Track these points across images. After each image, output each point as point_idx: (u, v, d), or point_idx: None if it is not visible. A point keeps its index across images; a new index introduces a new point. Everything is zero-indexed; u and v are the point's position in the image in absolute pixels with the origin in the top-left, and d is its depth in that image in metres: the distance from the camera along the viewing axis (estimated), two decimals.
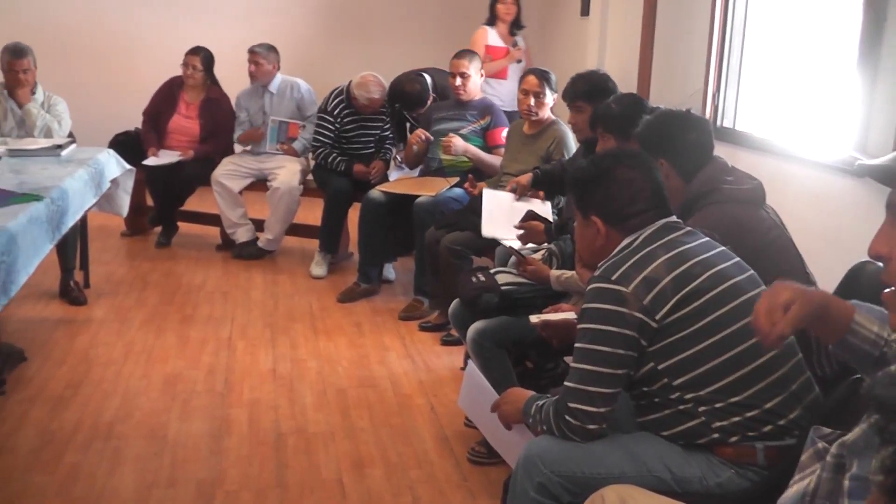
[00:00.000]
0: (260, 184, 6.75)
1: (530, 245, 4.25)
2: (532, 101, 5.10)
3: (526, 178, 4.87)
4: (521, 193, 4.83)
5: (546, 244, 4.08)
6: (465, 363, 4.49)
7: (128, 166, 5.41)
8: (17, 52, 5.94)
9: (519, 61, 7.25)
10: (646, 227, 2.47)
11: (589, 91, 4.36)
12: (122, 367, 4.73)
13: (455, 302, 3.99)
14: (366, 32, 9.12)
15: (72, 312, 5.56)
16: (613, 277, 2.35)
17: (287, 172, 6.55)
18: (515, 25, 7.31)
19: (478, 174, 5.53)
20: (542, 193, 4.84)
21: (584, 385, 2.33)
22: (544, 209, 4.61)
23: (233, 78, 7.18)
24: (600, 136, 3.88)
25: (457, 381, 4.52)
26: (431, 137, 5.81)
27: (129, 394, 4.41)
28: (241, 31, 8.15)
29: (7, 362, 4.61)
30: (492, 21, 7.29)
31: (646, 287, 2.32)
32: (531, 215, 4.30)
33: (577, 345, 2.39)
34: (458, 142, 5.62)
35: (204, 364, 4.78)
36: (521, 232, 4.24)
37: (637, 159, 2.57)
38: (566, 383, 2.38)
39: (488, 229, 4.73)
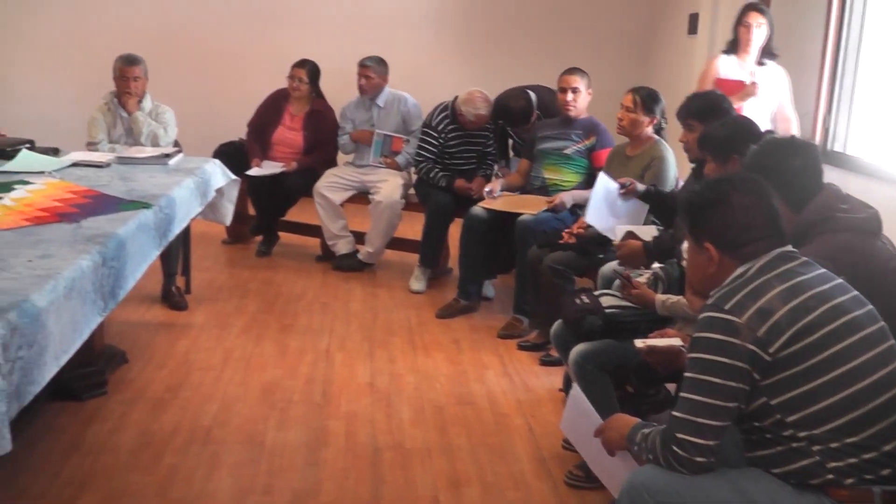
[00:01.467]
0: (362, 197, 6.79)
1: (623, 228, 4.23)
2: (625, 117, 5.04)
3: (639, 185, 4.80)
4: (628, 193, 4.76)
5: (646, 268, 4.01)
6: (564, 384, 4.46)
7: (233, 176, 5.47)
8: (130, 61, 6.07)
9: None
10: (760, 256, 2.41)
11: (700, 110, 4.28)
12: (221, 373, 4.79)
13: (557, 323, 3.95)
14: (472, 47, 9.12)
15: (173, 317, 5.66)
16: (727, 307, 2.30)
17: (389, 186, 6.58)
18: (767, 53, 5.59)
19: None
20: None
21: (694, 416, 2.28)
22: (644, 228, 4.52)
23: (337, 91, 7.24)
24: (708, 158, 3.82)
25: (555, 402, 4.50)
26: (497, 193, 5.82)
27: (227, 400, 4.46)
28: (347, 44, 8.22)
29: (110, 363, 4.70)
30: (732, 48, 5.66)
31: (760, 318, 2.26)
32: (630, 235, 4.25)
33: (687, 374, 2.34)
34: (565, 198, 5.56)
35: (302, 374, 4.81)
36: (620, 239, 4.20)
37: (754, 185, 2.50)
38: (674, 413, 2.33)
39: (592, 217, 4.71)
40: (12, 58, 9.16)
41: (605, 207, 4.70)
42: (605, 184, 4.90)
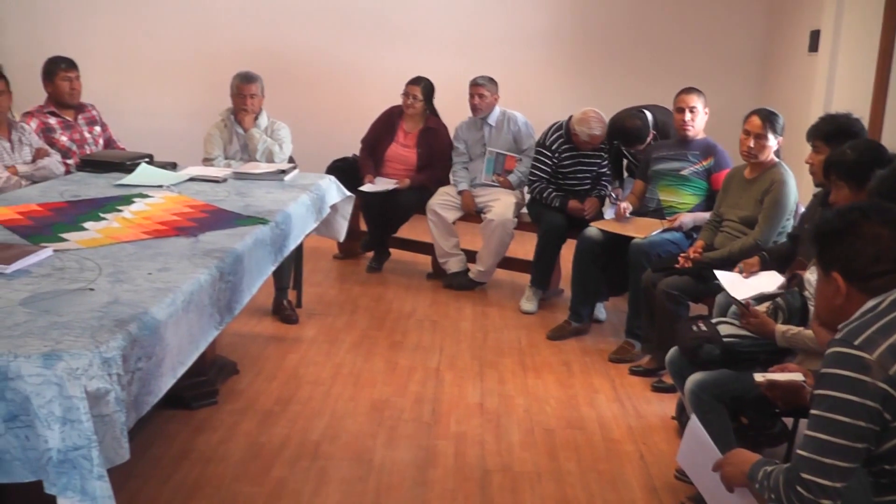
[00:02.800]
0: (474, 215, 6.77)
1: (753, 294, 4.07)
2: (752, 142, 4.88)
3: (754, 263, 4.60)
4: (748, 271, 4.60)
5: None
6: (678, 412, 4.37)
7: (347, 193, 5.50)
8: (247, 78, 6.17)
9: None
10: (892, 290, 2.31)
11: (829, 132, 4.15)
12: (331, 388, 4.81)
13: (673, 350, 3.87)
14: (586, 66, 9.03)
15: (283, 330, 5.71)
16: (856, 342, 2.20)
17: (502, 205, 6.55)
18: None
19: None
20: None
21: (820, 456, 2.19)
22: (774, 281, 4.36)
23: (451, 108, 7.24)
24: (833, 184, 3.70)
25: (667, 430, 4.41)
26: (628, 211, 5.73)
27: (336, 415, 4.48)
28: (461, 62, 8.24)
29: (220, 374, 4.78)
30: None
31: (892, 356, 2.16)
32: (759, 299, 4.07)
33: (813, 411, 2.25)
34: (685, 219, 5.47)
35: (411, 392, 4.80)
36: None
37: (888, 214, 2.39)
38: (799, 451, 2.24)
39: (735, 293, 4.45)
40: (133, 74, 9.39)
41: (742, 286, 4.44)
42: (726, 277, 4.51)
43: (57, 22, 9.36)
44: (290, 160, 6.24)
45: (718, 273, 4.47)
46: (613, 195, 6.25)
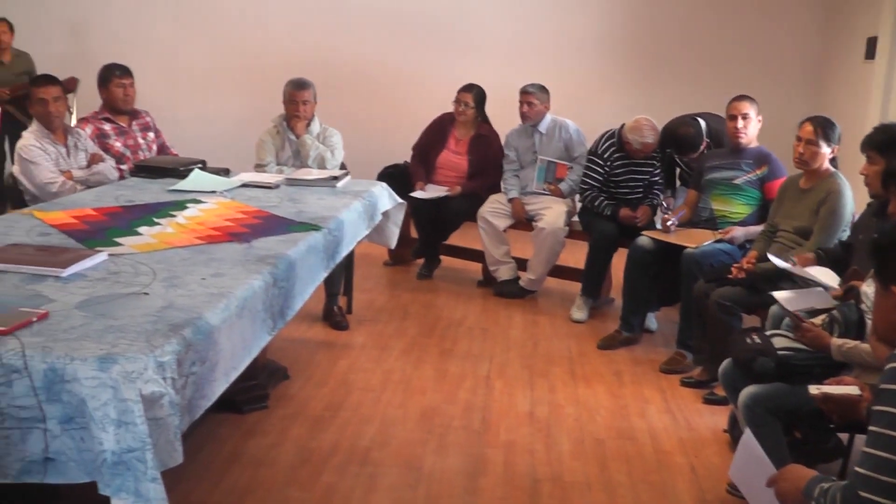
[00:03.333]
0: (525, 223, 6.75)
1: (807, 307, 4.01)
2: (803, 148, 4.80)
3: (809, 257, 4.54)
4: (803, 264, 4.53)
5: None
6: (730, 425, 4.32)
7: (399, 200, 5.52)
8: (300, 85, 6.20)
9: None
10: None
11: (883, 142, 4.08)
12: (381, 395, 4.81)
13: (726, 362, 3.83)
14: (638, 73, 8.98)
15: (334, 336, 5.73)
16: None
17: (553, 213, 6.53)
18: None
19: None
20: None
21: (878, 474, 2.15)
22: (829, 277, 4.27)
23: (502, 116, 7.22)
24: (892, 195, 3.64)
25: (719, 443, 4.35)
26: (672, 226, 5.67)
27: (386, 421, 4.47)
28: (512, 70, 8.23)
29: (271, 379, 4.80)
30: None
31: None
32: (813, 312, 4.00)
33: (871, 428, 2.20)
34: (737, 234, 5.39)
35: (461, 400, 4.79)
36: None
37: None
38: (857, 469, 2.20)
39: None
40: (187, 81, 9.50)
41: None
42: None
43: (115, 30, 9.48)
44: (342, 167, 6.26)
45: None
46: (665, 204, 6.20)
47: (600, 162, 6.30)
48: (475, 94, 7.06)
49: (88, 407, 2.27)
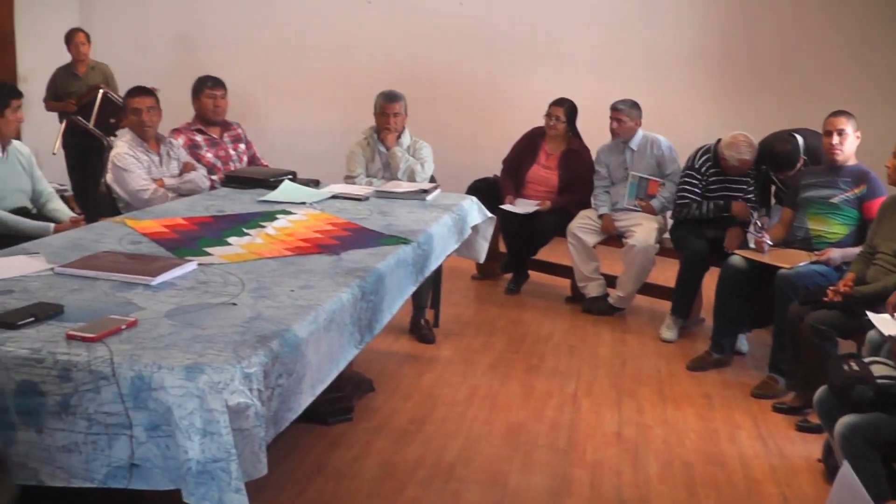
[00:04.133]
0: (615, 239, 6.68)
1: None
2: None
3: None
4: None
5: None
6: (824, 455, 4.18)
7: (489, 214, 5.49)
8: (391, 97, 6.21)
9: None
10: None
11: None
12: (466, 410, 4.78)
13: (822, 389, 3.72)
14: (731, 89, 8.80)
15: (420, 349, 5.72)
16: None
17: (644, 230, 6.44)
18: None
19: None
20: None
21: None
22: None
23: (594, 130, 7.16)
24: None
25: (813, 473, 4.21)
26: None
27: (471, 437, 4.44)
28: (604, 84, 8.17)
29: (357, 391, 4.80)
30: None
31: None
32: None
33: None
34: (834, 255, 5.24)
35: (547, 418, 4.74)
36: None
37: None
38: None
39: (889, 331, 4.20)
40: (278, 92, 9.62)
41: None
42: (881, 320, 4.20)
43: (211, 41, 9.64)
44: (432, 179, 6.26)
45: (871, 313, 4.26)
46: (759, 223, 6.05)
47: (697, 176, 6.19)
48: (566, 109, 7.01)
49: (174, 415, 2.27)
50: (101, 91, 8.09)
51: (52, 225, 5.02)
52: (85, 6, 10.04)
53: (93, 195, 6.66)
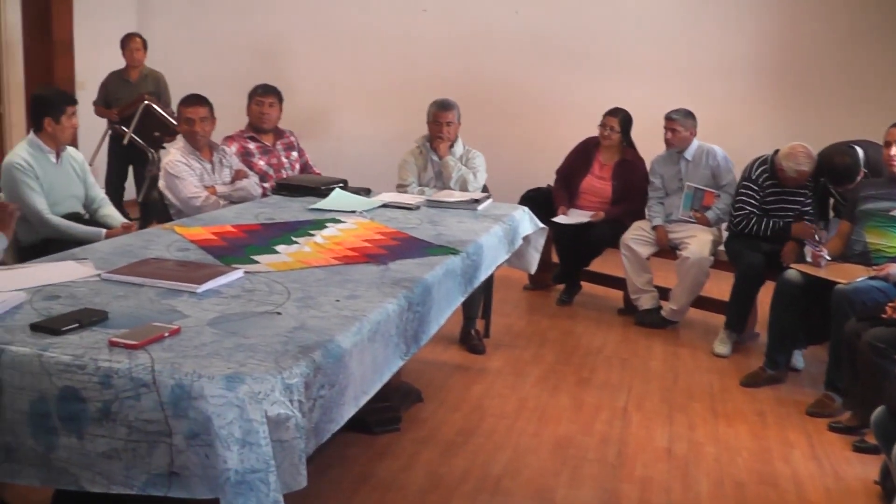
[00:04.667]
0: (668, 251, 6.60)
1: None
2: None
3: None
4: None
5: None
6: (882, 477, 4.07)
7: (541, 225, 5.44)
8: (444, 106, 6.20)
9: None
10: None
11: None
12: (515, 422, 4.74)
13: (880, 409, 3.63)
14: (789, 98, 8.64)
15: (470, 360, 5.68)
16: None
17: (698, 242, 6.35)
18: None
19: None
20: None
21: None
22: None
23: (648, 140, 7.09)
24: None
25: (870, 496, 4.11)
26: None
27: (519, 450, 4.40)
28: (659, 93, 8.09)
29: (404, 401, 4.79)
30: None
31: None
32: None
33: None
34: (893, 271, 5.09)
35: (597, 431, 4.68)
36: None
37: None
38: None
39: None
40: (331, 101, 9.70)
41: None
42: None
43: (267, 48, 9.71)
44: (484, 189, 6.24)
45: None
46: (816, 236, 5.94)
47: (755, 187, 6.09)
48: (621, 119, 6.96)
49: (214, 425, 2.26)
50: (143, 103, 8.08)
51: (103, 231, 5.06)
52: (143, 14, 10.16)
53: (119, 204, 6.70)
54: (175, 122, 7.75)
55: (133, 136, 8.06)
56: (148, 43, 8.49)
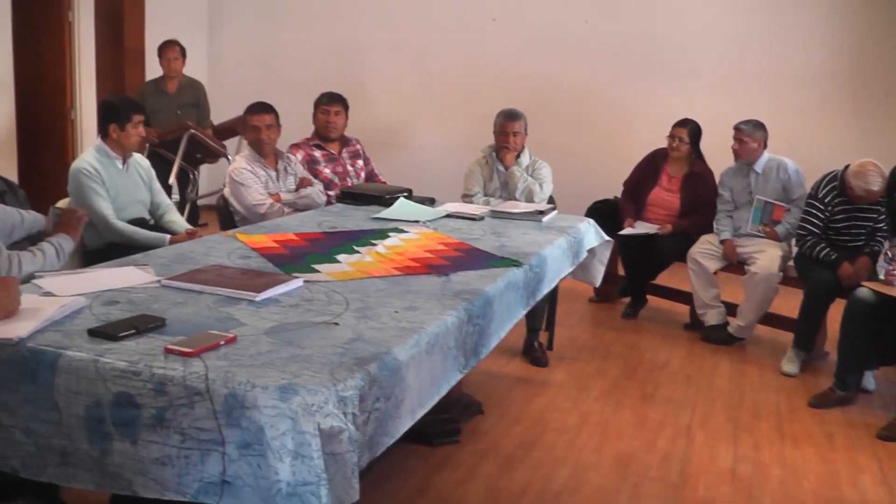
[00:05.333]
0: (737, 266, 6.49)
1: None
2: None
3: None
4: None
5: None
6: None
7: (606, 237, 5.38)
8: (511, 116, 6.19)
9: None
10: None
11: None
12: (576, 437, 4.68)
13: None
14: (864, 110, 8.48)
15: (532, 372, 5.64)
16: None
17: (767, 257, 6.23)
18: None
19: None
20: None
21: None
22: None
23: (718, 152, 6.98)
24: None
25: None
26: None
27: (580, 465, 4.34)
28: (729, 104, 8.01)
29: (465, 413, 4.76)
30: None
31: None
32: None
33: None
34: None
35: (659, 449, 4.60)
36: None
37: None
38: None
39: None
40: (399, 109, 9.76)
41: None
42: None
43: (336, 58, 9.77)
44: (550, 200, 6.19)
45: None
46: (889, 254, 5.79)
47: (820, 206, 5.96)
48: (690, 130, 6.87)
49: (266, 435, 2.24)
50: (188, 133, 8.02)
51: (167, 236, 5.10)
52: (213, 22, 10.27)
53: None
54: (218, 147, 7.79)
55: (181, 162, 8.07)
56: (216, 49, 8.53)
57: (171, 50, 8.30)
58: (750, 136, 6.47)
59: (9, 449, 2.51)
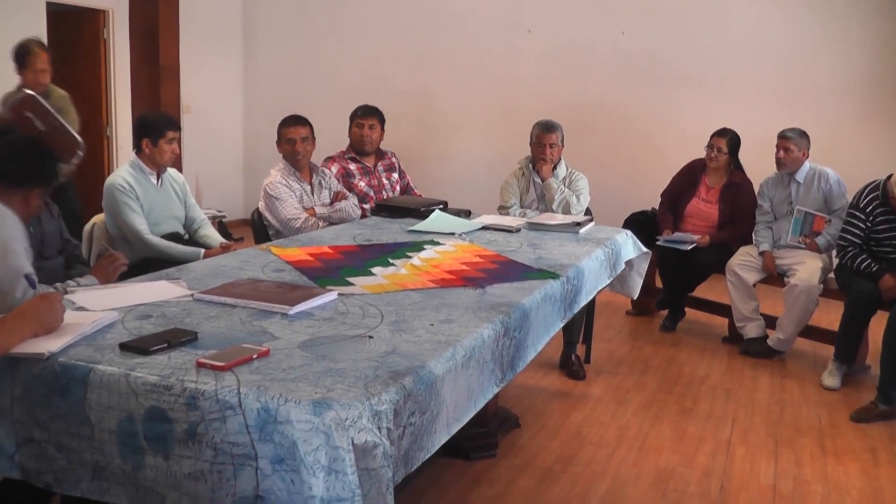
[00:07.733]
0: (776, 278, 6.41)
1: None
2: None
3: None
4: None
5: None
6: None
7: (644, 249, 5.34)
8: (548, 127, 6.16)
9: None
10: None
11: None
12: (615, 451, 4.63)
13: None
14: None
15: (570, 386, 5.59)
16: None
17: (807, 269, 6.14)
18: None
19: None
20: None
21: None
22: None
23: (757, 163, 6.93)
24: None
25: None
26: None
27: (618, 481, 4.29)
28: (768, 114, 7.98)
29: (502, 426, 4.72)
30: None
31: None
32: None
33: None
34: None
35: (699, 464, 4.53)
36: None
37: None
38: None
39: None
40: (434, 122, 9.72)
41: None
42: None
43: (366, 72, 9.80)
44: (587, 212, 6.15)
45: None
46: None
47: (862, 217, 5.86)
48: (729, 140, 6.81)
49: (300, 450, 2.21)
50: None
51: (201, 251, 5.10)
52: (248, 38, 10.32)
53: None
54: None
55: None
56: (252, 65, 8.58)
57: (36, 56, 7.37)
58: (795, 143, 6.39)
59: (42, 464, 2.51)
